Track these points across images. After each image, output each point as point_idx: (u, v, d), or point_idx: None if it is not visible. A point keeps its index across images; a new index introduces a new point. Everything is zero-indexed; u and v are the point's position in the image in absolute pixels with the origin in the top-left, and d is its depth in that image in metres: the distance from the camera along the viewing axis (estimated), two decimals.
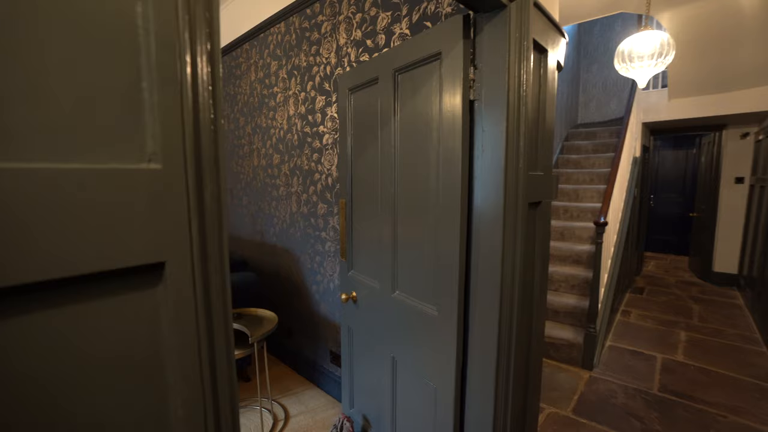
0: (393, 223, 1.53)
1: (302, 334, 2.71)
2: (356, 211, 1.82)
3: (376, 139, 1.60)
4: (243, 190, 3.27)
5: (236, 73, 3.22)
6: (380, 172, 1.59)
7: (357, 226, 1.82)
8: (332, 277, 2.39)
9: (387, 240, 1.56)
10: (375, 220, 1.65)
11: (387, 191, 1.55)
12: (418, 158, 1.39)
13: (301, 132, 2.52)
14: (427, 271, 1.38)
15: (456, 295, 1.25)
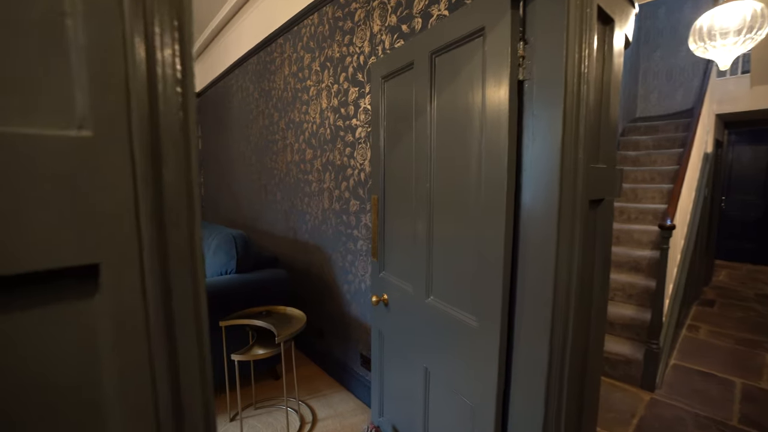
0: (428, 221, 1.38)
1: (333, 335, 2.61)
2: (389, 208, 1.69)
3: (411, 130, 1.46)
4: (276, 186, 3.23)
5: (271, 69, 3.18)
6: (415, 166, 1.44)
7: (389, 225, 1.69)
8: (364, 278, 2.26)
9: (421, 240, 1.41)
10: (408, 219, 1.50)
11: (422, 186, 1.40)
12: (456, 149, 1.23)
13: (333, 126, 2.42)
14: (466, 277, 1.21)
15: (498, 305, 1.07)
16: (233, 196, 4.27)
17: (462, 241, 1.22)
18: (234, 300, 2.22)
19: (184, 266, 0.39)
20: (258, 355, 1.92)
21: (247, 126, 3.74)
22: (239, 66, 3.80)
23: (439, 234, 1.33)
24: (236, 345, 2.27)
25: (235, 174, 4.19)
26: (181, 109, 0.38)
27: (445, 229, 1.30)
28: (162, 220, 0.37)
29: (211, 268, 2.42)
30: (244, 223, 4.00)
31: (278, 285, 2.39)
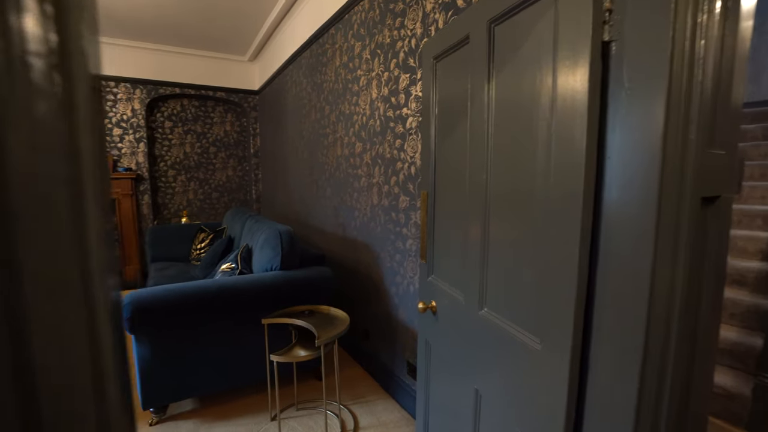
0: (483, 220, 1.18)
1: (379, 338, 2.48)
2: (439, 204, 1.50)
3: (465, 115, 1.26)
4: (327, 181, 3.16)
5: (322, 60, 3.11)
6: (469, 156, 1.25)
7: (440, 223, 1.50)
8: (412, 280, 2.10)
9: (475, 242, 1.22)
10: (460, 217, 1.31)
11: (476, 179, 1.20)
12: (519, 134, 1.02)
13: (383, 116, 2.27)
14: (527, 288, 1.00)
15: (569, 328, 0.86)
16: (287, 192, 4.31)
17: (524, 244, 1.01)
18: (277, 297, 2.17)
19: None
20: (297, 357, 1.83)
21: (300, 121, 3.73)
22: (293, 61, 3.80)
23: (496, 235, 1.13)
24: (279, 343, 2.22)
25: (288, 169, 4.22)
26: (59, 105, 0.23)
27: (504, 229, 1.10)
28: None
29: (257, 263, 2.40)
30: (297, 218, 4.01)
31: (323, 283, 2.31)
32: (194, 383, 2.08)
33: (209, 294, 1.98)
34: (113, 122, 4.64)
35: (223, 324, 2.09)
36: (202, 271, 3.10)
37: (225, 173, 5.53)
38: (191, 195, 5.35)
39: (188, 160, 5.28)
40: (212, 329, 2.07)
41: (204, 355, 2.07)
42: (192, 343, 2.03)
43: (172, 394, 2.05)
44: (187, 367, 2.04)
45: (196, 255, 3.80)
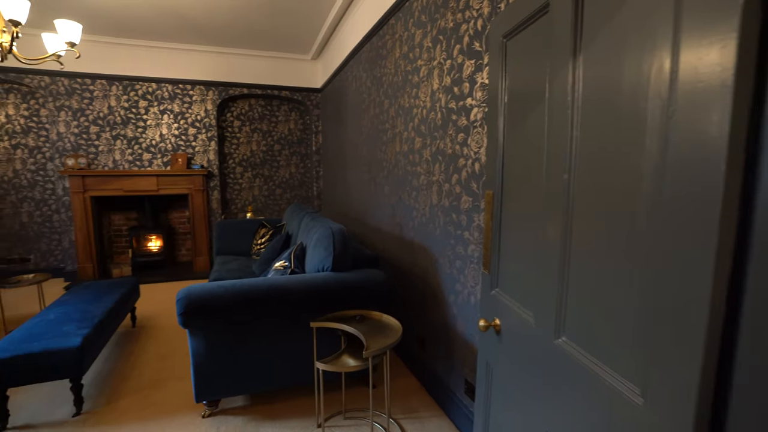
0: (562, 228, 0.96)
1: (435, 349, 2.30)
2: (507, 207, 1.29)
3: (541, 102, 1.04)
4: (385, 178, 3.04)
5: (382, 53, 2.98)
6: (546, 151, 1.03)
7: (507, 229, 1.29)
8: (473, 290, 1.89)
9: (551, 253, 1.00)
10: (533, 222, 1.10)
11: (555, 178, 0.98)
12: (616, 122, 0.79)
13: (445, 108, 2.08)
14: (625, 321, 0.77)
15: (695, 380, 0.62)
16: (346, 189, 4.27)
17: (621, 258, 0.78)
18: (328, 300, 2.08)
19: None
20: (345, 367, 1.72)
21: (360, 116, 3.64)
22: (354, 56, 3.72)
23: (581, 246, 0.91)
24: (328, 347, 2.13)
25: (348, 166, 4.17)
26: None
27: (591, 239, 0.87)
28: None
29: (310, 263, 2.34)
30: (355, 216, 3.94)
31: (376, 287, 2.17)
32: (244, 381, 2.06)
33: (259, 293, 1.94)
34: (189, 122, 4.92)
35: (273, 324, 2.05)
36: (260, 267, 3.14)
37: (288, 170, 5.66)
38: (256, 191, 5.55)
39: (254, 158, 5.48)
40: (262, 328, 2.03)
41: (254, 353, 2.04)
42: (243, 341, 2.01)
43: (223, 390, 2.05)
44: (238, 364, 2.03)
45: (256, 250, 3.89)
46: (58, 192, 4.59)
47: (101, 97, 4.58)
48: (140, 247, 4.94)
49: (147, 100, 4.74)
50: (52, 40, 2.43)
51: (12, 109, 4.54)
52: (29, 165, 4.64)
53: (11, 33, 2.09)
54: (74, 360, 2.05)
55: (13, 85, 4.50)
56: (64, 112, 4.48)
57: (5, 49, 2.14)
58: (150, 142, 4.82)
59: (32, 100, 4.58)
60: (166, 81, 4.75)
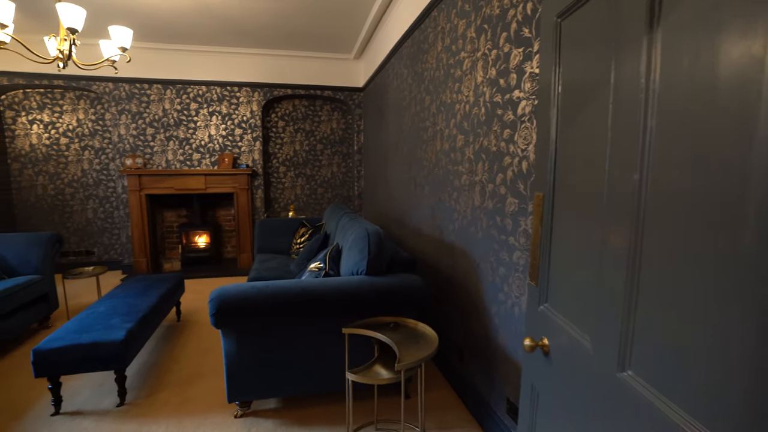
0: (631, 237, 0.79)
1: (475, 361, 2.14)
2: (559, 210, 1.13)
3: (604, 90, 0.88)
4: (425, 178, 2.91)
5: (424, 48, 2.86)
6: (610, 146, 0.87)
7: (559, 236, 1.13)
8: (518, 301, 1.73)
9: (615, 268, 0.84)
10: (592, 230, 0.94)
11: (622, 179, 0.82)
12: (707, 111, 0.62)
13: (489, 103, 1.92)
14: (719, 359, 0.61)
15: None
16: (387, 189, 4.18)
17: (712, 283, 0.62)
18: (361, 305, 1.99)
19: None
20: (376, 379, 1.62)
21: (401, 114, 3.54)
22: (395, 53, 3.62)
23: (655, 261, 0.74)
24: (361, 354, 2.04)
25: (388, 166, 4.08)
26: None
27: (671, 255, 0.70)
28: None
29: (344, 265, 2.26)
30: (394, 217, 3.85)
31: (412, 293, 2.06)
32: (275, 384, 2.03)
33: (291, 296, 1.89)
34: (235, 123, 5.07)
35: (304, 327, 1.99)
36: (297, 267, 3.12)
37: (330, 170, 5.67)
38: (298, 190, 5.61)
39: (297, 157, 5.54)
40: (294, 332, 1.98)
41: (285, 356, 2.00)
42: (274, 344, 1.98)
43: (254, 392, 2.03)
44: (269, 366, 1.99)
45: (295, 249, 3.90)
46: (118, 190, 4.89)
47: (157, 100, 4.82)
48: (189, 243, 5.16)
49: (197, 102, 4.93)
50: (107, 46, 2.55)
51: (82, 114, 4.90)
52: (95, 165, 4.99)
53: (70, 40, 2.21)
54: (118, 352, 2.12)
55: (84, 92, 4.86)
56: (125, 116, 4.76)
57: (65, 56, 2.25)
58: (199, 142, 5.02)
59: (98, 105, 4.92)
60: (215, 84, 4.92)
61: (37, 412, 2.18)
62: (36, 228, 4.91)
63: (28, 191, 4.88)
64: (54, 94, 4.82)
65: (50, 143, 4.86)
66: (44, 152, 4.86)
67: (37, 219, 4.93)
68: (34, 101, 4.78)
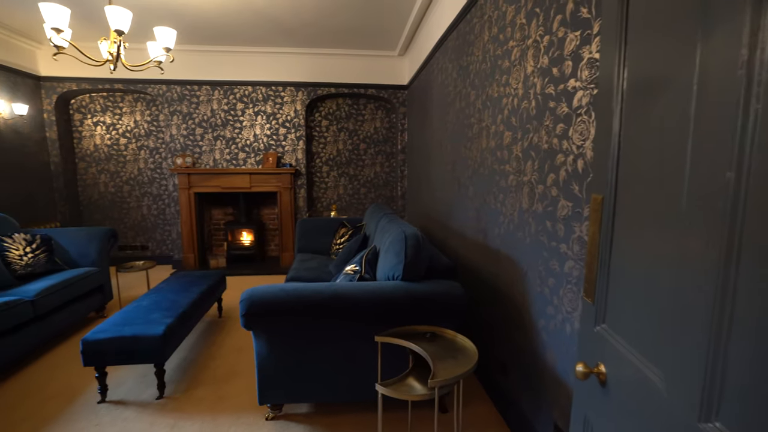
0: (722, 250, 0.62)
1: (519, 378, 1.96)
2: (623, 216, 0.95)
3: (686, 70, 0.71)
4: (470, 179, 2.74)
5: (469, 39, 2.69)
6: (692, 139, 0.69)
7: (622, 245, 0.96)
8: (570, 316, 1.54)
9: (700, 286, 0.67)
10: (667, 240, 0.77)
11: (707, 180, 0.65)
12: None
13: (540, 95, 1.74)
14: None
15: None
16: (430, 190, 4.04)
17: None
18: (396, 312, 1.88)
19: None
20: (408, 395, 1.50)
21: (445, 111, 3.39)
22: (440, 47, 3.47)
23: (754, 281, 0.57)
24: (394, 364, 1.93)
25: (431, 165, 3.94)
26: None
27: None
28: None
29: (381, 269, 2.16)
30: (437, 218, 3.70)
31: (452, 302, 1.92)
32: (306, 389, 1.97)
33: (322, 300, 1.82)
34: (279, 122, 5.15)
35: (336, 333, 1.91)
36: (336, 268, 3.07)
37: (373, 169, 5.62)
38: (341, 190, 5.60)
39: (340, 157, 5.53)
40: (325, 336, 1.91)
41: (316, 362, 1.93)
42: (305, 348, 1.92)
43: (285, 395, 1.98)
44: (300, 371, 1.93)
45: (335, 249, 3.86)
46: (169, 188, 5.14)
47: (205, 101, 5.01)
48: (234, 240, 5.31)
49: (243, 102, 5.06)
50: (153, 47, 2.63)
51: (138, 115, 5.20)
52: (149, 164, 5.28)
53: (117, 42, 2.29)
54: (157, 347, 2.16)
55: (140, 95, 5.15)
56: (176, 116, 4.99)
57: (114, 58, 2.34)
58: (245, 142, 5.15)
59: (153, 106, 5.20)
60: (261, 84, 5.02)
61: (86, 398, 2.28)
62: (99, 223, 5.28)
63: (92, 188, 5.25)
64: (115, 97, 5.15)
65: (111, 143, 5.20)
66: (106, 152, 5.21)
67: (99, 215, 5.29)
68: (98, 104, 5.13)
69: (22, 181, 4.50)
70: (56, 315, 2.90)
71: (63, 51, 2.35)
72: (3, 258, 3.02)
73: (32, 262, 3.14)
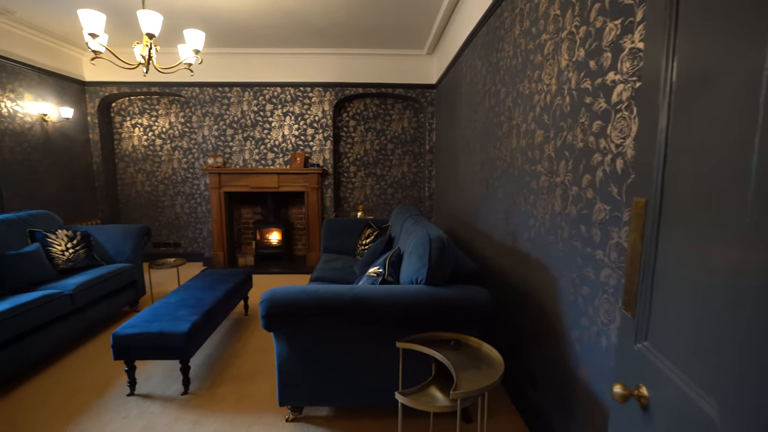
0: None
1: (549, 392, 1.85)
2: (670, 221, 0.85)
3: (752, 56, 0.61)
4: (498, 179, 2.64)
5: (499, 34, 2.58)
6: (760, 134, 0.60)
7: (669, 255, 0.85)
8: (606, 329, 1.42)
9: None
10: (726, 249, 0.67)
11: None
12: None
13: (575, 90, 1.63)
14: None
15: None
16: (458, 190, 3.94)
17: None
18: (418, 317, 1.81)
19: None
20: (429, 405, 1.43)
21: (474, 110, 3.28)
22: (469, 44, 3.37)
23: None
24: (416, 370, 1.86)
25: (459, 165, 3.84)
26: None
27: None
28: None
29: (404, 272, 2.10)
30: (465, 220, 3.60)
31: (477, 308, 1.83)
32: (326, 392, 1.94)
33: (343, 302, 1.78)
34: (307, 123, 5.18)
35: (357, 336, 1.87)
36: (360, 269, 3.03)
37: (400, 170, 5.56)
38: (368, 190, 5.57)
39: (367, 157, 5.51)
40: (346, 340, 1.87)
41: (337, 365, 1.90)
42: (325, 351, 1.88)
43: (305, 398, 1.96)
44: (320, 374, 1.90)
45: (360, 250, 3.83)
46: (201, 187, 5.28)
47: (236, 102, 5.11)
48: (263, 239, 5.39)
49: (272, 103, 5.13)
50: (183, 50, 2.69)
51: (173, 117, 5.38)
52: (183, 164, 5.45)
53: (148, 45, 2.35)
54: (182, 344, 2.19)
55: (175, 97, 5.33)
56: (208, 118, 5.12)
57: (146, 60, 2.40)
58: (273, 142, 5.21)
59: (187, 108, 5.36)
60: (289, 85, 5.07)
61: (116, 391, 2.35)
62: (136, 221, 5.50)
63: (130, 188, 5.48)
64: (152, 99, 5.35)
65: (147, 144, 5.41)
66: (143, 152, 5.42)
67: (136, 213, 5.51)
68: (136, 107, 5.35)
69: (68, 180, 4.74)
70: (92, 309, 3.01)
71: (100, 56, 2.43)
72: (47, 252, 3.18)
73: (73, 257, 3.28)
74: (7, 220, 3.16)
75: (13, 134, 4.03)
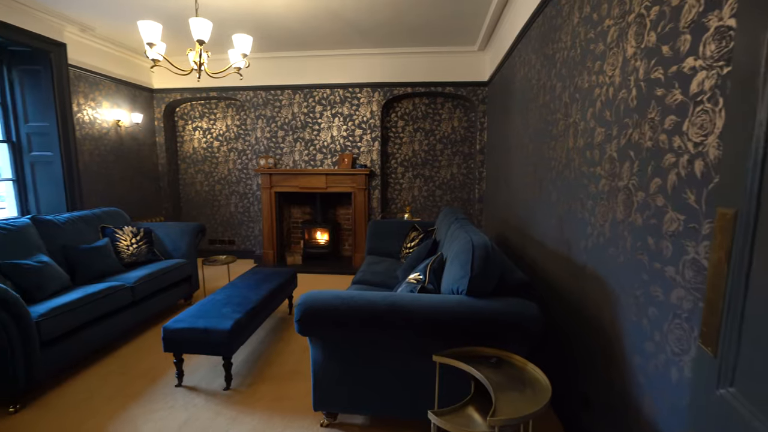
0: None
1: (606, 418, 1.64)
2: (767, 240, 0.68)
3: None
4: (552, 182, 2.43)
5: (555, 24, 2.37)
6: None
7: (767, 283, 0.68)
8: (678, 359, 1.22)
9: None
10: None
11: None
12: None
13: (643, 81, 1.43)
14: None
15: None
16: (510, 193, 3.72)
17: None
18: (458, 330, 1.69)
19: None
20: (466, 428, 1.31)
21: (527, 107, 3.07)
22: (523, 37, 3.16)
23: None
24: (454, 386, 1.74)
25: (511, 167, 3.62)
26: None
27: None
28: None
29: (445, 280, 1.98)
30: (516, 224, 3.39)
31: (523, 324, 1.67)
32: (360, 400, 1.87)
33: (378, 310, 1.70)
34: (356, 123, 5.18)
35: (393, 346, 1.78)
36: (402, 273, 2.94)
37: (449, 171, 5.40)
38: (416, 192, 5.47)
39: (416, 158, 5.41)
40: (381, 349, 1.80)
41: (371, 374, 1.83)
42: (360, 359, 1.82)
43: (339, 404, 1.91)
44: (355, 381, 1.84)
45: (404, 253, 3.74)
46: (253, 187, 5.48)
47: (287, 105, 5.24)
48: (310, 239, 5.47)
49: (322, 105, 5.20)
50: (233, 54, 2.77)
51: (229, 120, 5.64)
52: (237, 165, 5.70)
53: (199, 51, 2.43)
54: (225, 340, 2.23)
55: (231, 101, 5.58)
56: (261, 120, 5.30)
57: (198, 66, 2.49)
58: (322, 143, 5.28)
59: (242, 111, 5.60)
60: (338, 86, 5.11)
61: (166, 381, 2.46)
62: (194, 219, 5.84)
63: (190, 187, 5.82)
64: (210, 104, 5.64)
65: (206, 146, 5.72)
66: (202, 154, 5.74)
67: (195, 211, 5.85)
68: (197, 111, 5.67)
69: (137, 181, 5.14)
70: (150, 301, 3.20)
71: (158, 63, 2.56)
72: (114, 247, 3.43)
73: (136, 251, 3.52)
74: (84, 216, 3.47)
75: (92, 139, 4.42)
